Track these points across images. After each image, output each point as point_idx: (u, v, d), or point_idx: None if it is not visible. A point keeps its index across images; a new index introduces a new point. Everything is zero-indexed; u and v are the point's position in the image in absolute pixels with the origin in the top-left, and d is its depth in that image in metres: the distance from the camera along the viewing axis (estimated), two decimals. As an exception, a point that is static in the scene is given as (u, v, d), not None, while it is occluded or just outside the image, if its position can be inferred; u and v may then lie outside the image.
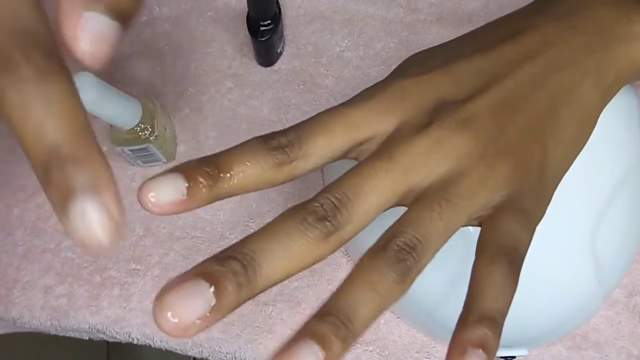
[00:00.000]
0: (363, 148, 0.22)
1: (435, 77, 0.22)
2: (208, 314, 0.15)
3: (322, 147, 0.21)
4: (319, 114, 0.21)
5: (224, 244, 0.42)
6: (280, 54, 0.47)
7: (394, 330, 0.39)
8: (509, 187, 0.21)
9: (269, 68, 0.47)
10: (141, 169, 0.44)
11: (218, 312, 0.16)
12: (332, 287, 0.40)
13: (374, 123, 0.21)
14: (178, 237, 0.42)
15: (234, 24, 0.48)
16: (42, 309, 0.41)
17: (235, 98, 0.46)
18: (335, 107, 0.22)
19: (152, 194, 0.17)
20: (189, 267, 0.46)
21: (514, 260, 0.20)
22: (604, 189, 0.33)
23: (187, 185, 0.18)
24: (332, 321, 0.17)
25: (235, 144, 0.20)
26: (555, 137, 0.23)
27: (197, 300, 0.15)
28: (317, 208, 0.18)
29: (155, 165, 0.44)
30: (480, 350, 0.18)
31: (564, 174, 0.24)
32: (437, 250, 0.20)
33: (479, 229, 0.34)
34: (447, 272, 0.33)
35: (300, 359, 0.16)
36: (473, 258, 0.32)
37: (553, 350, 0.39)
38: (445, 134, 0.21)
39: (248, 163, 0.19)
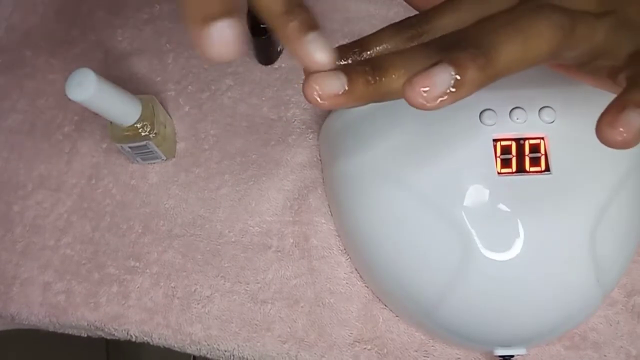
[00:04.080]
0: None
1: None
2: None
3: (448, 20, 0.23)
4: None
5: (222, 242, 0.42)
6: (281, 52, 0.47)
7: (392, 329, 0.39)
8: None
9: (269, 66, 0.47)
10: (141, 167, 0.44)
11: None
12: (331, 285, 0.40)
13: None
14: (177, 234, 0.42)
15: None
16: (40, 305, 0.41)
17: (235, 96, 0.46)
18: None
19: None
20: (188, 265, 0.46)
21: None
22: (603, 189, 0.33)
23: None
24: (471, 51, 0.19)
25: (235, 142, 0.20)
26: None
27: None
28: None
29: (154, 163, 0.44)
30: None
31: None
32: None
33: (479, 230, 0.33)
34: (446, 272, 0.33)
35: (434, 79, 0.18)
36: (472, 259, 0.32)
37: (552, 350, 0.39)
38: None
39: (382, 43, 0.22)
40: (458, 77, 0.18)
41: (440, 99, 0.18)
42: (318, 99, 0.20)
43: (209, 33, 0.17)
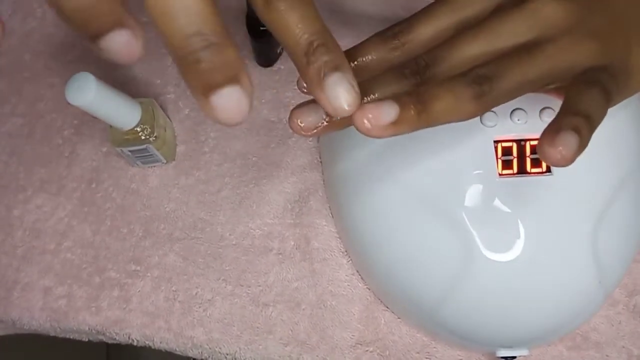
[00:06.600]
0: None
1: None
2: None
3: (428, 29, 0.24)
4: (427, 6, 0.25)
5: (223, 245, 0.42)
6: (280, 54, 0.46)
7: (394, 331, 0.39)
8: (591, 62, 0.23)
9: (268, 68, 0.47)
10: (141, 170, 0.44)
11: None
12: (332, 287, 0.40)
13: (478, 3, 0.24)
14: (178, 237, 0.42)
15: (234, 25, 0.48)
16: (41, 310, 0.41)
17: (235, 98, 0.46)
18: None
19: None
20: (189, 268, 0.46)
21: (590, 125, 0.22)
22: (604, 190, 0.33)
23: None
24: (409, 96, 0.21)
25: (235, 144, 0.20)
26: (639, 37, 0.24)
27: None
28: (411, 65, 0.23)
29: (154, 166, 0.44)
30: (575, 133, 0.20)
31: None
32: (504, 95, 0.23)
33: (481, 231, 0.34)
34: (447, 273, 0.33)
35: (381, 115, 0.20)
36: (474, 261, 0.32)
37: (554, 351, 0.39)
38: (539, 6, 0.23)
39: (368, 54, 0.24)
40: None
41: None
42: (302, 132, 0.21)
43: (215, 102, 0.17)
